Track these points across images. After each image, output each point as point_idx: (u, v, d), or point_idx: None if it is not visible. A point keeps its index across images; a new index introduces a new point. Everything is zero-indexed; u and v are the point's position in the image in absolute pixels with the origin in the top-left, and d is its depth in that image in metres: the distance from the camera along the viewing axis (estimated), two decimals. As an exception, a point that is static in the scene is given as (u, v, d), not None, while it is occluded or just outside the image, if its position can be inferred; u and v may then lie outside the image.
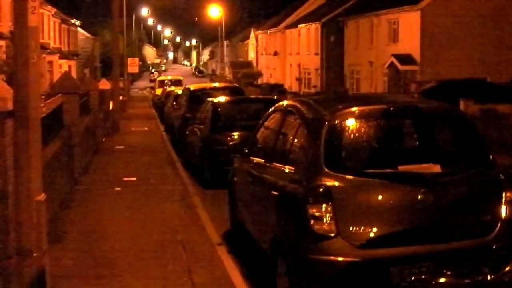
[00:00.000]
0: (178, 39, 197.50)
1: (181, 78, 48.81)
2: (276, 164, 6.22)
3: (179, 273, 6.72)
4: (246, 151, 7.65)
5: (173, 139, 20.20)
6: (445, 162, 5.40)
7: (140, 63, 62.27)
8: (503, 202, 5.29)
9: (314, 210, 5.06)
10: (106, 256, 7.35)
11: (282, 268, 5.52)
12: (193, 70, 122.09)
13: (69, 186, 11.21)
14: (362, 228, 5.02)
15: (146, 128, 25.46)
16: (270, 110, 7.37)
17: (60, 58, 45.73)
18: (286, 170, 5.88)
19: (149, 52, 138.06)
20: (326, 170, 5.20)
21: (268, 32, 64.82)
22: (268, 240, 5.99)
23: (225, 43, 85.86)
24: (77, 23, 58.14)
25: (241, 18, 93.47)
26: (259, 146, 7.23)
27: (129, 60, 45.13)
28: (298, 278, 5.19)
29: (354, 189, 5.15)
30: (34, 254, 5.16)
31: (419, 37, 34.20)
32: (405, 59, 34.68)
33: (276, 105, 7.25)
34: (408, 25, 35.30)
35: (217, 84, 23.47)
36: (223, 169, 10.31)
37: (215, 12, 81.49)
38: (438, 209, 5.12)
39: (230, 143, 11.94)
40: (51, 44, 45.22)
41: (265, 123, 7.31)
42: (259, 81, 61.32)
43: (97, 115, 18.02)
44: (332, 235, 5.00)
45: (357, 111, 5.54)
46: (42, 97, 12.00)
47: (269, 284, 5.96)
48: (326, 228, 5.02)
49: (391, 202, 5.14)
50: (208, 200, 10.83)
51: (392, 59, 35.33)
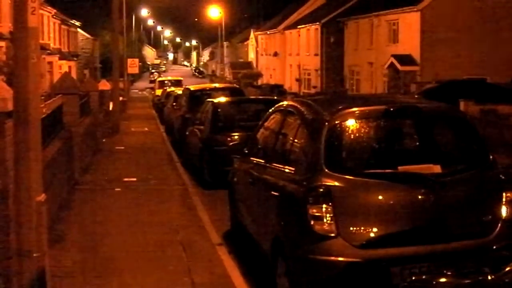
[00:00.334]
0: (178, 39, 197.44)
1: (181, 78, 48.81)
2: (276, 165, 6.22)
3: (179, 273, 6.72)
4: (246, 151, 7.65)
5: (173, 139, 20.21)
6: (445, 162, 5.40)
7: (140, 63, 62.21)
8: (503, 202, 5.30)
9: (314, 211, 5.06)
10: (106, 256, 7.36)
11: (282, 268, 5.51)
12: (193, 71, 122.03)
13: (69, 186, 11.20)
14: (362, 228, 5.02)
15: (146, 129, 25.47)
16: (270, 110, 7.37)
17: (60, 59, 45.73)
18: (286, 170, 5.87)
19: (149, 52, 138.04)
20: (326, 170, 5.21)
21: (268, 33, 64.82)
22: (268, 240, 5.99)
23: (225, 44, 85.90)
24: (77, 24, 58.12)
25: (241, 19, 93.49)
26: (259, 147, 7.22)
27: (129, 60, 45.09)
28: (298, 278, 5.19)
29: (354, 189, 5.15)
30: (34, 255, 5.15)
31: (419, 37, 34.21)
32: (405, 59, 34.70)
33: (276, 105, 7.25)
34: (408, 25, 35.31)
35: (217, 85, 23.52)
36: (223, 170, 10.30)
37: (215, 13, 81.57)
38: (438, 209, 5.12)
39: (230, 144, 11.94)
40: (51, 45, 45.21)
41: (265, 124, 7.31)
42: (259, 82, 61.34)
43: (97, 116, 18.01)
44: (332, 235, 5.00)
45: (357, 112, 5.54)
46: (42, 97, 12.02)
47: (269, 284, 5.95)
48: (326, 228, 5.02)
49: (391, 202, 5.15)
50: (208, 200, 10.83)
51: (392, 59, 35.33)
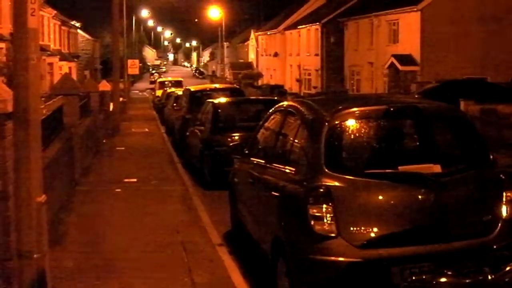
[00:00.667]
0: (178, 40, 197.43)
1: (181, 79, 48.79)
2: (277, 165, 6.22)
3: (179, 273, 6.72)
4: (247, 151, 7.65)
5: (174, 140, 20.21)
6: (446, 162, 5.40)
7: (140, 64, 62.23)
8: (504, 202, 5.30)
9: (314, 211, 5.06)
10: (107, 257, 7.35)
11: (282, 269, 5.52)
12: (193, 72, 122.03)
13: (70, 187, 11.20)
14: (362, 228, 5.02)
15: (146, 130, 25.47)
16: (270, 111, 7.37)
17: (61, 60, 45.73)
18: (287, 170, 5.87)
19: (149, 53, 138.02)
20: (326, 170, 5.21)
21: (268, 33, 64.81)
22: (269, 240, 5.99)
23: (225, 44, 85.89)
24: (77, 25, 58.17)
25: (241, 19, 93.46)
26: (259, 147, 7.23)
27: (129, 61, 45.07)
28: (298, 278, 5.19)
29: (355, 189, 5.15)
30: (34, 256, 5.15)
31: (419, 37, 34.19)
32: (405, 59, 34.68)
33: (277, 106, 7.25)
34: (408, 25, 35.29)
35: (217, 85, 23.50)
36: (224, 170, 10.31)
37: (215, 14, 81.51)
38: (438, 209, 5.12)
39: (231, 144, 11.94)
40: (51, 46, 45.23)
41: (266, 124, 7.31)
42: (259, 82, 61.34)
43: (97, 117, 18.01)
44: (332, 235, 5.00)
45: (357, 112, 5.55)
46: (43, 98, 12.01)
47: (270, 285, 5.95)
48: (327, 228, 5.02)
49: (392, 202, 5.15)
50: (209, 200, 10.83)
51: (392, 59, 35.32)
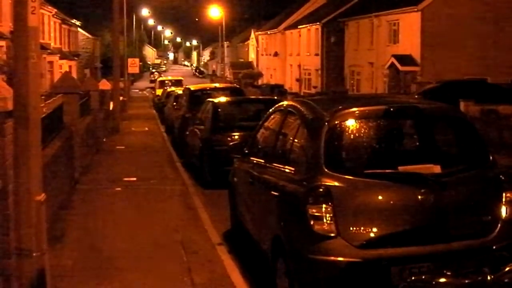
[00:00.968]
0: (178, 39, 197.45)
1: (181, 78, 48.79)
2: (276, 165, 6.21)
3: (179, 273, 6.72)
4: (246, 151, 7.64)
5: (173, 139, 20.21)
6: (445, 162, 5.40)
7: (140, 63, 62.22)
8: (503, 203, 5.30)
9: (314, 210, 5.06)
10: (106, 256, 7.36)
11: (282, 268, 5.51)
12: (193, 71, 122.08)
13: (69, 186, 11.21)
14: (362, 228, 5.02)
15: (146, 129, 25.48)
16: (270, 110, 7.37)
17: (61, 58, 45.72)
18: (286, 170, 5.87)
19: (150, 52, 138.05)
20: (326, 170, 5.21)
21: (269, 32, 64.79)
22: (268, 240, 5.99)
23: (226, 43, 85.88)
24: (78, 23, 58.14)
25: (242, 19, 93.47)
26: (259, 147, 7.22)
27: (130, 60, 45.05)
28: (298, 278, 5.18)
29: (354, 189, 5.15)
30: (34, 254, 5.15)
31: (419, 38, 34.17)
32: (405, 60, 34.67)
33: (276, 105, 7.25)
34: (408, 26, 35.29)
35: (217, 85, 23.52)
36: (223, 169, 10.30)
37: (215, 13, 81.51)
38: (438, 209, 5.11)
39: (230, 143, 11.94)
40: (52, 44, 45.21)
41: (265, 124, 7.31)
42: (260, 82, 61.31)
43: (97, 115, 18.01)
44: (332, 235, 5.00)
45: (357, 112, 5.54)
46: (43, 97, 12.02)
47: (269, 284, 5.96)
48: (326, 228, 5.01)
49: (391, 202, 5.14)
50: (208, 200, 10.83)
51: (392, 59, 35.31)
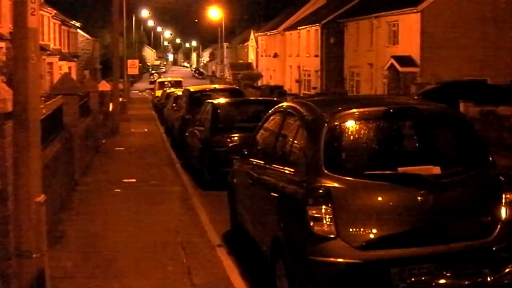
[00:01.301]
0: (178, 40, 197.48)
1: (181, 79, 48.78)
2: (276, 166, 6.21)
3: (178, 274, 6.72)
4: (246, 152, 7.64)
5: (173, 140, 20.20)
6: (445, 163, 5.40)
7: (140, 64, 62.22)
8: (503, 204, 5.30)
9: (313, 212, 5.05)
10: (106, 257, 7.35)
11: (281, 270, 5.51)
12: (193, 72, 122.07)
13: (69, 187, 11.20)
14: (362, 229, 5.02)
15: (146, 130, 25.46)
16: (269, 111, 7.37)
17: (60, 59, 45.71)
18: (286, 171, 5.87)
19: (149, 53, 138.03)
20: (325, 171, 5.21)
21: (268, 34, 64.81)
22: (268, 241, 5.99)
23: (225, 44, 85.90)
24: (77, 24, 58.15)
25: (241, 20, 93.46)
26: (258, 148, 7.22)
27: (129, 61, 45.07)
28: (297, 279, 5.18)
29: (354, 190, 5.14)
30: (33, 255, 5.14)
31: (419, 39, 34.18)
32: (405, 61, 34.68)
33: (276, 106, 7.24)
34: (408, 27, 35.30)
35: (217, 86, 23.47)
36: (223, 171, 10.31)
37: (215, 14, 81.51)
38: (438, 210, 5.11)
39: (230, 145, 11.94)
40: (51, 45, 45.21)
41: (265, 125, 7.31)
42: (259, 83, 61.32)
43: (97, 117, 18.01)
44: (332, 236, 5.00)
45: (357, 113, 5.54)
46: (42, 98, 12.00)
47: (269, 286, 5.95)
48: (326, 229, 5.01)
49: (391, 203, 5.14)
50: (208, 201, 10.82)
51: (392, 61, 35.31)
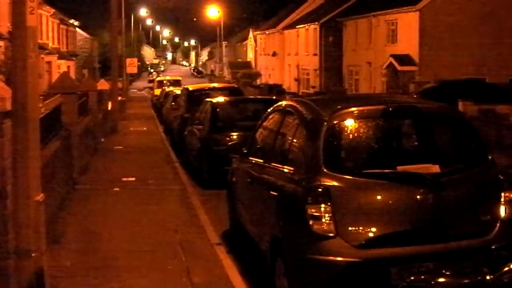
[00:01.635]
0: (176, 39, 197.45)
1: (179, 78, 48.78)
2: (275, 165, 6.21)
3: (178, 273, 6.71)
4: (245, 151, 7.64)
5: (172, 139, 20.19)
6: (444, 162, 5.40)
7: (138, 63, 62.16)
8: (502, 202, 5.29)
9: (313, 210, 5.05)
10: (105, 256, 7.35)
11: (281, 268, 5.51)
12: (191, 71, 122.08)
13: (68, 186, 11.19)
14: (361, 228, 5.02)
15: (145, 129, 25.45)
16: (269, 110, 7.36)
17: (59, 58, 45.70)
18: (285, 170, 5.87)
19: (148, 52, 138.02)
20: (325, 170, 5.20)
21: (267, 32, 64.80)
22: (267, 240, 5.99)
23: (224, 43, 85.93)
24: (76, 23, 58.14)
25: (240, 19, 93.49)
26: (258, 147, 7.22)
27: (128, 60, 45.04)
28: (297, 278, 5.18)
29: (353, 189, 5.14)
30: (32, 254, 5.15)
31: (418, 37, 34.21)
32: (404, 59, 34.71)
33: (275, 105, 7.24)
34: (407, 25, 35.31)
35: (215, 85, 23.49)
36: (222, 169, 10.30)
37: (213, 13, 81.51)
38: (437, 209, 5.11)
39: (229, 143, 11.93)
40: (50, 44, 45.19)
41: (264, 124, 7.30)
42: (258, 82, 61.33)
43: (96, 116, 18.00)
44: (331, 235, 5.00)
45: (356, 112, 5.54)
46: (41, 97, 11.97)
47: (268, 284, 5.95)
48: (325, 228, 5.01)
49: (390, 202, 5.14)
50: (207, 200, 10.82)
51: (391, 59, 35.34)
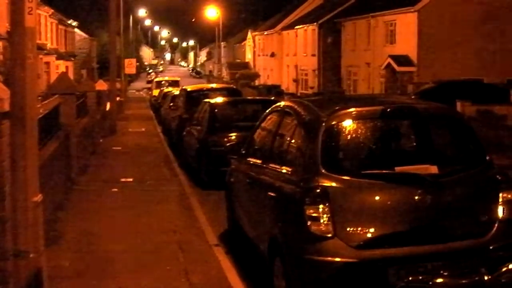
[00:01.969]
0: (175, 40, 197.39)
1: (178, 79, 48.71)
2: (273, 165, 6.21)
3: (176, 273, 6.71)
4: (243, 152, 7.64)
5: (170, 140, 20.19)
6: (442, 163, 5.40)
7: (137, 64, 62.06)
8: (500, 203, 5.30)
9: (311, 211, 5.06)
10: (103, 257, 7.35)
11: (279, 269, 5.51)
12: (190, 71, 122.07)
13: (66, 186, 11.19)
14: (359, 228, 5.02)
15: (143, 129, 25.44)
16: (267, 111, 7.37)
17: (57, 59, 45.65)
18: (283, 171, 5.87)
19: (146, 53, 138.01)
20: (323, 171, 5.21)
21: (265, 33, 64.82)
22: (265, 241, 5.99)
23: (222, 44, 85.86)
24: (74, 24, 58.04)
25: (238, 19, 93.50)
26: (256, 147, 7.22)
27: (126, 61, 45.02)
28: (295, 278, 5.18)
29: (351, 190, 5.15)
30: (30, 255, 5.14)
31: (416, 38, 34.26)
32: (402, 60, 34.74)
33: (273, 106, 7.25)
34: (405, 26, 35.35)
35: (214, 85, 23.51)
36: (220, 170, 10.30)
37: (212, 13, 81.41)
38: (435, 209, 5.12)
39: (227, 144, 11.92)
40: (48, 45, 45.13)
41: (262, 124, 7.31)
42: (256, 82, 61.34)
43: (94, 116, 17.99)
44: (329, 235, 5.00)
45: (354, 112, 5.55)
46: (39, 98, 11.97)
47: (266, 285, 5.95)
48: (323, 228, 5.01)
49: (388, 203, 5.14)
50: (205, 201, 10.82)
51: (389, 60, 35.37)
